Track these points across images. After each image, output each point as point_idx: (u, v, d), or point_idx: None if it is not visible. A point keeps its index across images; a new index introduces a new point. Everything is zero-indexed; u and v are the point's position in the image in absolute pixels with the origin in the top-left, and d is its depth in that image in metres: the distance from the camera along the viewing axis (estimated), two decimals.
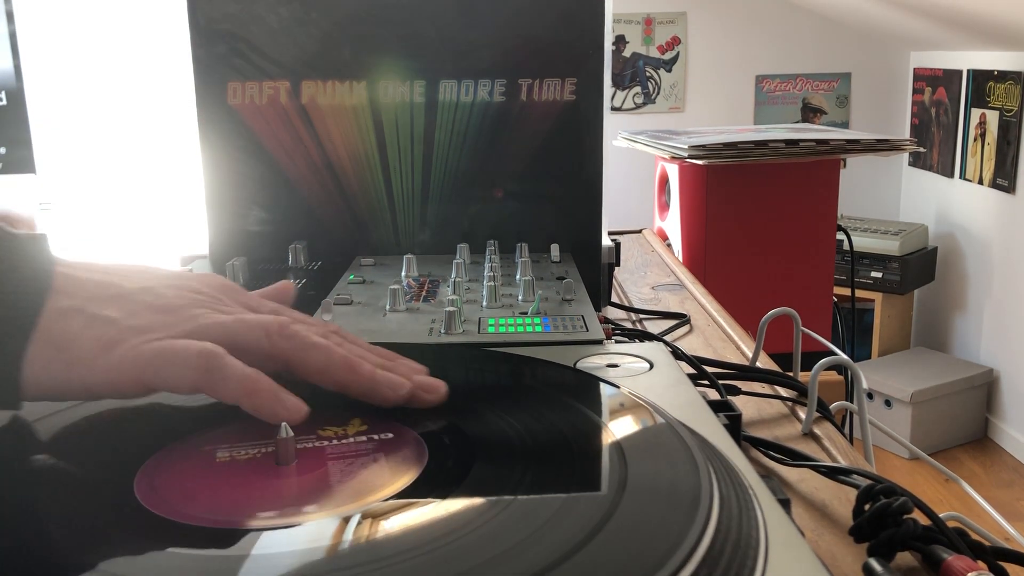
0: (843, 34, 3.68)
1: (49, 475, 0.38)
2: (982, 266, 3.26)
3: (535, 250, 0.77)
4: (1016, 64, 2.97)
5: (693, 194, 1.40)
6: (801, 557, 0.30)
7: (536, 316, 0.59)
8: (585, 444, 0.40)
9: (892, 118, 3.75)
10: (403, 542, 0.31)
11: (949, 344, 3.48)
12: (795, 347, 0.69)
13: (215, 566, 0.31)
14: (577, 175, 0.79)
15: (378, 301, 0.64)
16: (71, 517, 0.34)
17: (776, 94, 3.72)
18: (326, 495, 0.35)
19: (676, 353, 0.62)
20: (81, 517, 0.34)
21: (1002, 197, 3.08)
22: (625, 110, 3.69)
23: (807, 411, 0.59)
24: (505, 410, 0.43)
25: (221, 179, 0.79)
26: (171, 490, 0.35)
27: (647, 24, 3.65)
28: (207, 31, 0.77)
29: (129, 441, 0.41)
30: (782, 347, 0.75)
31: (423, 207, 0.80)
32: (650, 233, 1.32)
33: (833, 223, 1.46)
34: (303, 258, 0.78)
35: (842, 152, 1.39)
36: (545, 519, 0.32)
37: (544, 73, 0.78)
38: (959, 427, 3.16)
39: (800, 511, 0.48)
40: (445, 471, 0.37)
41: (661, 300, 0.94)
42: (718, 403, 0.48)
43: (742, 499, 0.34)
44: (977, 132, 3.22)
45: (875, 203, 3.77)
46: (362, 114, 0.78)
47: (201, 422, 0.43)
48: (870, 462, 0.58)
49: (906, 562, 0.42)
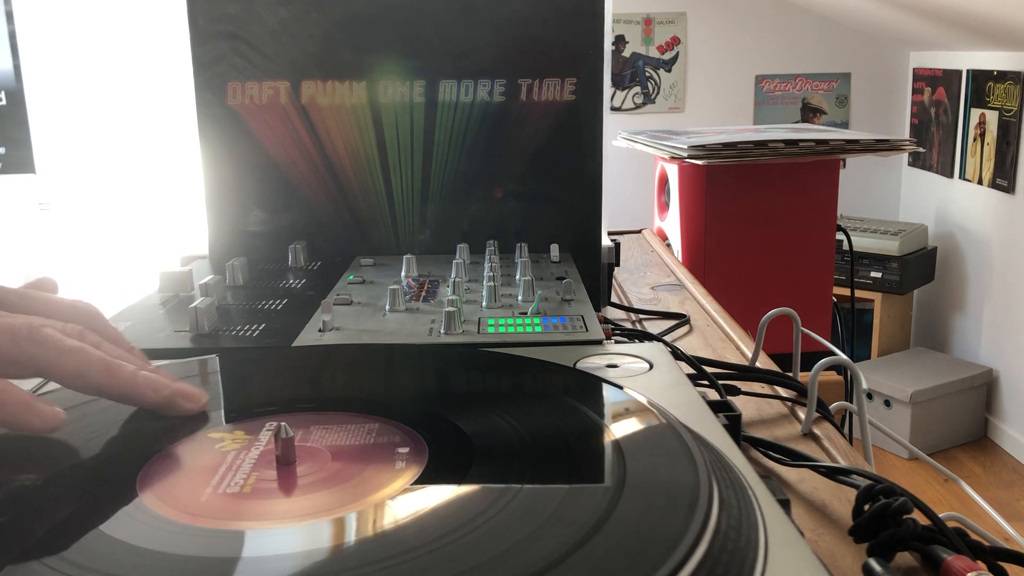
0: (843, 34, 3.68)
1: (50, 475, 0.38)
2: (982, 266, 3.26)
3: (535, 250, 0.77)
4: (1016, 64, 2.97)
5: (693, 194, 1.40)
6: (801, 557, 0.30)
7: (536, 316, 0.59)
8: (585, 444, 0.41)
9: (892, 118, 3.75)
10: (403, 541, 0.31)
11: (949, 344, 3.48)
12: (795, 347, 0.69)
13: (216, 566, 0.31)
14: (577, 175, 0.79)
15: (378, 301, 0.64)
16: (72, 517, 0.34)
17: (776, 94, 3.72)
18: (327, 495, 0.35)
19: (676, 353, 0.62)
20: (82, 517, 0.34)
21: (1002, 197, 3.08)
22: (625, 110, 3.69)
23: (807, 411, 0.59)
24: (505, 410, 0.43)
25: (221, 179, 0.79)
26: (172, 490, 0.36)
27: (647, 24, 3.65)
28: (207, 31, 0.77)
29: (131, 440, 0.41)
30: (782, 347, 0.75)
31: (423, 207, 0.80)
32: (650, 233, 1.32)
33: (833, 223, 1.46)
34: (303, 258, 0.78)
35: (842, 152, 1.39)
36: (544, 519, 0.32)
37: (544, 73, 0.78)
38: (959, 427, 3.16)
39: (800, 511, 0.48)
40: (445, 471, 0.37)
41: (661, 300, 0.94)
42: (718, 403, 0.48)
43: (742, 499, 0.34)
44: (977, 132, 3.22)
45: (875, 203, 3.77)
46: (362, 114, 0.79)
47: (202, 422, 0.43)
48: (870, 462, 0.58)
49: (906, 562, 0.42)
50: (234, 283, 0.70)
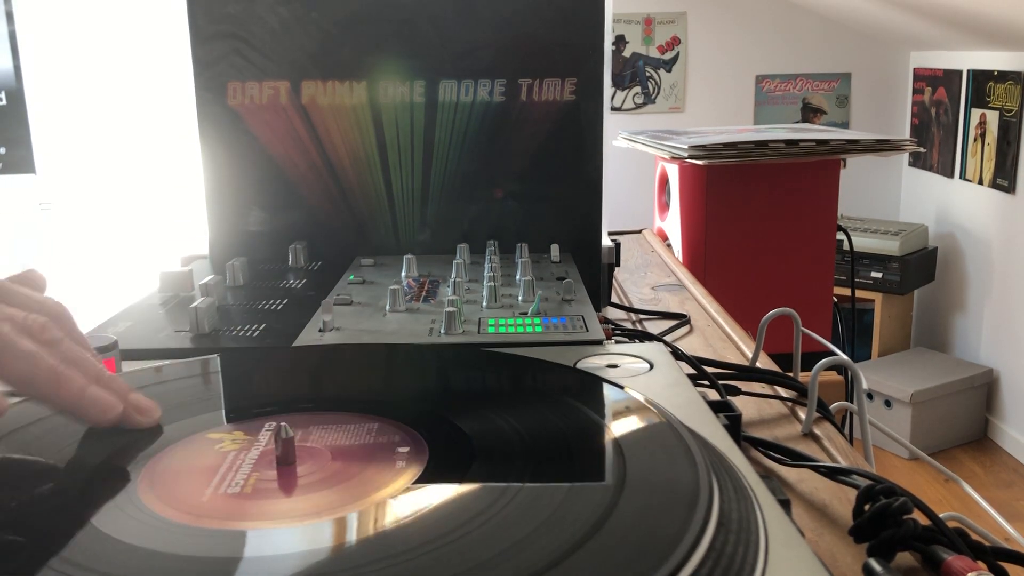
0: (843, 34, 3.68)
1: (51, 475, 0.38)
2: (982, 266, 3.26)
3: (535, 250, 0.77)
4: (1016, 64, 2.97)
5: (693, 194, 1.40)
6: (801, 557, 0.30)
7: (536, 316, 0.59)
8: (585, 444, 0.41)
9: (892, 118, 3.75)
10: (404, 541, 0.31)
11: (949, 344, 3.48)
12: (795, 347, 0.69)
13: (215, 566, 0.31)
14: (577, 175, 0.79)
15: (378, 301, 0.64)
16: (73, 516, 0.34)
17: (776, 94, 3.72)
18: (327, 495, 0.35)
19: (676, 353, 0.62)
20: (83, 516, 0.34)
21: (1002, 197, 3.08)
22: (625, 110, 3.69)
23: (807, 411, 0.59)
24: (505, 410, 0.43)
25: (221, 179, 0.79)
26: (172, 490, 0.35)
27: (647, 24, 3.64)
28: (207, 31, 0.77)
29: (132, 440, 0.41)
30: (782, 347, 0.75)
31: (423, 207, 0.80)
32: (650, 233, 1.32)
33: (833, 223, 1.46)
34: (303, 258, 0.78)
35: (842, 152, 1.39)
36: (545, 518, 0.32)
37: (544, 73, 0.78)
38: (959, 427, 3.16)
39: (800, 511, 0.48)
40: (446, 470, 0.37)
41: (661, 300, 0.94)
42: (718, 403, 0.48)
43: (742, 499, 0.34)
44: (977, 132, 3.22)
45: (875, 203, 3.77)
46: (362, 114, 0.78)
47: (203, 422, 0.43)
48: (870, 462, 0.58)
49: (906, 562, 0.42)
50: (234, 283, 0.70)
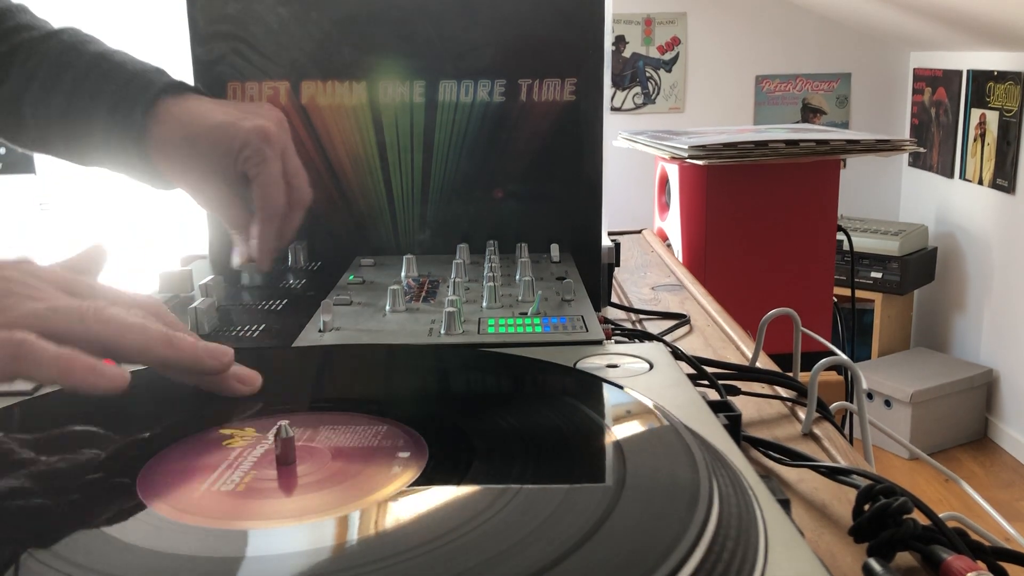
0: (843, 34, 3.68)
1: (51, 474, 0.38)
2: (982, 266, 3.26)
3: (535, 250, 0.77)
4: (1016, 64, 2.97)
5: (693, 194, 1.40)
6: (801, 557, 0.30)
7: (536, 316, 0.59)
8: (585, 444, 0.40)
9: (892, 118, 3.75)
10: (404, 541, 0.31)
11: (949, 344, 3.48)
12: (795, 347, 0.69)
13: (216, 566, 0.31)
14: (577, 175, 0.79)
15: (378, 301, 0.64)
16: (73, 516, 0.34)
17: (776, 94, 3.72)
18: (327, 494, 0.35)
19: (676, 353, 0.62)
20: (83, 516, 0.34)
21: (1002, 197, 3.08)
22: (625, 110, 3.69)
23: (807, 411, 0.59)
24: (505, 410, 0.43)
25: None
26: (172, 489, 0.35)
27: (647, 24, 3.65)
28: (207, 31, 0.77)
29: (132, 439, 0.41)
30: (782, 347, 0.75)
31: (423, 207, 0.80)
32: (650, 233, 1.32)
33: (833, 223, 1.46)
34: (303, 258, 0.78)
35: (842, 152, 1.39)
36: (545, 518, 0.32)
37: (544, 73, 0.78)
38: (959, 427, 3.16)
39: (800, 511, 0.48)
40: (446, 470, 0.37)
41: (661, 300, 0.94)
42: (718, 403, 0.48)
43: (742, 499, 0.34)
44: (977, 132, 3.22)
45: (875, 203, 3.77)
46: (362, 114, 0.79)
47: (204, 421, 0.43)
48: (870, 462, 0.58)
49: (906, 562, 0.42)
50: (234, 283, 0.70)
